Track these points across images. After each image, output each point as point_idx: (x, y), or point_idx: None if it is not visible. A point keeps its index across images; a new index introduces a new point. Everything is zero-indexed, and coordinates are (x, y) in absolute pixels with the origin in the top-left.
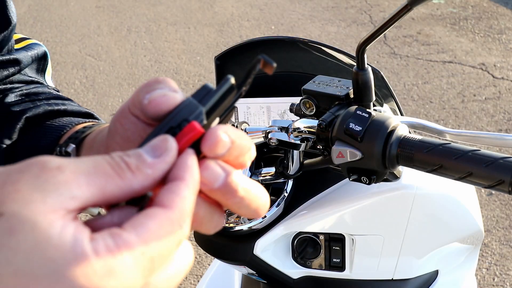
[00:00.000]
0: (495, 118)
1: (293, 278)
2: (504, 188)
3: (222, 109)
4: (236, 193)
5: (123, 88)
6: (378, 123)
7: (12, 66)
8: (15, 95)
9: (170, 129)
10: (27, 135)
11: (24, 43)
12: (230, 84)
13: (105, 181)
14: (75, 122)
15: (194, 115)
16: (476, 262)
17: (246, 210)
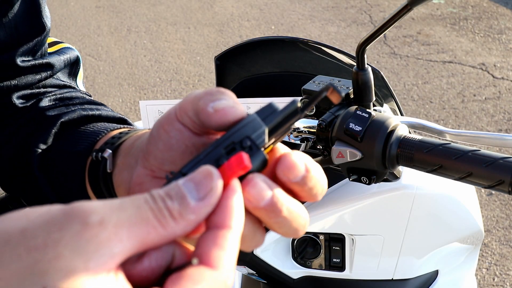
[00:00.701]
0: (495, 118)
1: (293, 278)
2: (504, 188)
3: (284, 131)
4: (280, 213)
5: (123, 88)
6: (378, 123)
7: (45, 70)
8: (49, 99)
9: (231, 144)
10: (61, 140)
11: (57, 47)
12: (295, 107)
13: (147, 232)
14: (110, 128)
15: (256, 134)
16: (476, 262)
17: (286, 230)
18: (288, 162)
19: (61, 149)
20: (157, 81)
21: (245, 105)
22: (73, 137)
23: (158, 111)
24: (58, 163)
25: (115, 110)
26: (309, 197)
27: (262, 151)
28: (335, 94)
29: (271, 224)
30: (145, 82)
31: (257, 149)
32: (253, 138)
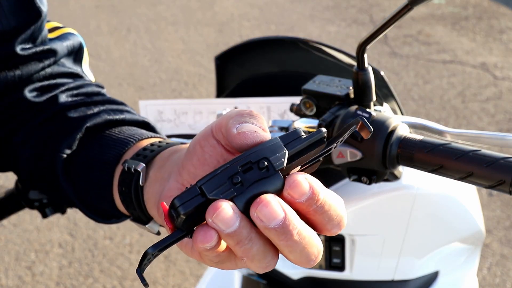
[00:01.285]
0: (496, 118)
1: (293, 278)
2: (505, 189)
3: (306, 159)
4: (291, 236)
5: (123, 88)
6: (378, 123)
7: (47, 57)
8: (66, 95)
9: (248, 163)
10: (87, 145)
11: (59, 32)
12: (321, 136)
13: None
14: (137, 137)
15: (275, 156)
16: (477, 263)
17: (297, 256)
18: (292, 180)
19: (87, 155)
20: (157, 81)
21: (245, 105)
22: (99, 144)
23: (158, 111)
24: (84, 169)
25: None
26: (325, 225)
27: (279, 174)
28: (364, 130)
29: (281, 247)
30: (145, 82)
31: (274, 171)
32: (271, 160)
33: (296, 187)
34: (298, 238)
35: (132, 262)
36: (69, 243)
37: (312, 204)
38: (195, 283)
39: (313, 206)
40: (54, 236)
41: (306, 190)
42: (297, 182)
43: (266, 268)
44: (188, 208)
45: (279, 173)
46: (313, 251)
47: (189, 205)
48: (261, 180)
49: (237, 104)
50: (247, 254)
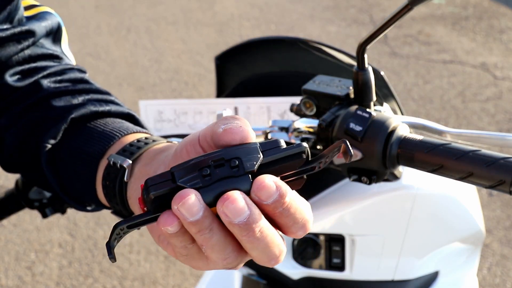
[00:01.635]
0: (496, 118)
1: (293, 278)
2: (505, 189)
3: (282, 170)
4: (253, 233)
5: (123, 88)
6: (378, 123)
7: (26, 37)
8: (49, 81)
9: (221, 159)
10: (71, 135)
11: (35, 11)
12: (300, 150)
13: None
14: (123, 131)
15: (248, 158)
16: (477, 263)
17: (258, 254)
18: (259, 182)
19: (71, 146)
20: (157, 81)
21: (245, 105)
22: (84, 135)
23: (158, 111)
24: (68, 160)
25: None
26: (289, 228)
27: (248, 176)
28: (346, 154)
29: (244, 242)
30: (144, 82)
31: (243, 172)
32: (243, 161)
33: (263, 189)
34: (260, 235)
35: (132, 262)
36: (69, 243)
37: (278, 207)
38: (195, 283)
39: (279, 209)
40: (54, 236)
41: (272, 192)
42: (264, 184)
43: (226, 260)
44: (157, 190)
45: (248, 175)
46: (274, 250)
47: (158, 188)
48: (229, 178)
49: (237, 104)
50: (206, 242)
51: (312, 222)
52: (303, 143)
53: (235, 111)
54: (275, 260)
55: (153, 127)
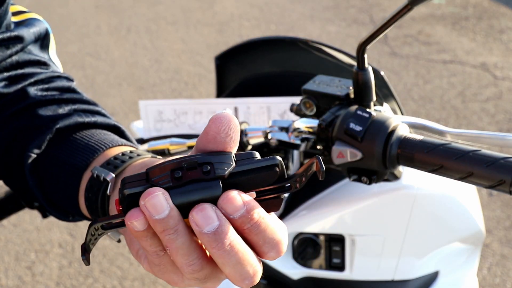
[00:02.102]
0: (496, 118)
1: (293, 278)
2: (505, 189)
3: (257, 183)
4: (222, 245)
5: (123, 88)
6: (378, 123)
7: (14, 43)
8: (36, 88)
9: (194, 162)
10: (56, 146)
11: (23, 17)
12: (273, 162)
13: None
14: (108, 144)
15: (220, 164)
16: (477, 263)
17: (231, 271)
18: (226, 195)
19: (55, 156)
20: (157, 81)
21: (245, 105)
22: (69, 146)
23: (158, 111)
24: (51, 170)
25: (114, 110)
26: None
27: (218, 181)
28: (319, 170)
29: (215, 256)
30: (145, 82)
31: (214, 177)
32: (215, 166)
33: (229, 202)
34: (230, 249)
35: (132, 262)
36: (69, 243)
37: (246, 223)
38: None
39: (247, 225)
40: (54, 236)
41: (238, 206)
42: (230, 197)
43: (191, 267)
44: (130, 188)
45: (219, 181)
46: (247, 269)
47: (132, 186)
48: (200, 182)
49: (237, 104)
50: (171, 244)
51: (286, 244)
52: (277, 157)
53: (235, 111)
54: (249, 280)
55: (153, 127)
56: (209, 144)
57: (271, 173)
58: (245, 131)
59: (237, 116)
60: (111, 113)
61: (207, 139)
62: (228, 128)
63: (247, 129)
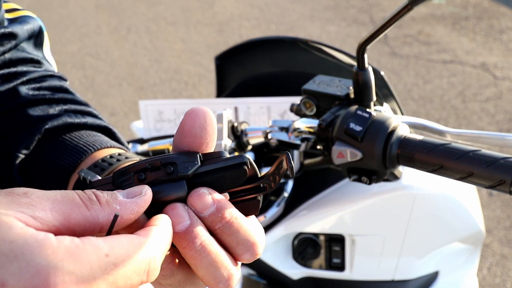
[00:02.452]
0: (496, 118)
1: (293, 278)
2: (505, 189)
3: (226, 182)
4: (193, 244)
5: (123, 88)
6: (378, 123)
7: (8, 40)
8: (28, 88)
9: (157, 162)
10: (44, 147)
11: (16, 14)
12: (241, 160)
13: (71, 209)
14: (97, 146)
15: (184, 164)
16: (477, 263)
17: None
18: (195, 192)
19: (44, 157)
20: (157, 81)
21: (245, 105)
22: (57, 147)
23: (158, 111)
24: (39, 170)
25: (114, 110)
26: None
27: (183, 181)
28: (289, 166)
29: (187, 257)
30: (145, 82)
31: (177, 177)
32: (178, 166)
33: (197, 199)
34: (201, 249)
35: None
36: None
37: (217, 221)
38: None
39: (219, 224)
40: None
41: (208, 203)
42: (199, 194)
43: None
44: None
45: (183, 181)
46: (221, 272)
47: (99, 190)
48: (164, 183)
49: (237, 104)
50: None
51: (263, 246)
52: (245, 155)
53: (235, 111)
54: (224, 284)
55: (153, 127)
56: (185, 138)
57: (239, 172)
58: (245, 131)
59: (237, 116)
60: (111, 113)
61: (183, 133)
62: (203, 121)
63: (247, 129)
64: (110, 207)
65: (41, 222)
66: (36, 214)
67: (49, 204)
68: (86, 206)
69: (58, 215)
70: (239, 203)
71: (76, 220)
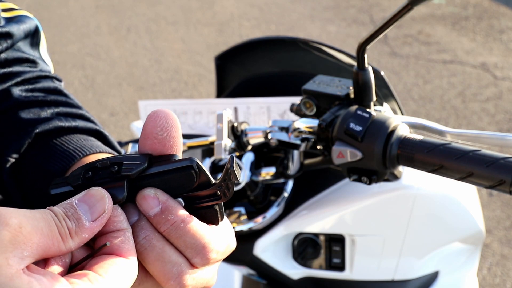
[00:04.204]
0: (496, 118)
1: (293, 278)
2: (505, 189)
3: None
4: (136, 238)
5: (123, 88)
6: (378, 123)
7: (5, 40)
8: (21, 89)
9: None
10: (34, 150)
11: (13, 13)
12: (189, 163)
13: (52, 243)
14: (86, 151)
15: (130, 164)
16: (477, 263)
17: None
18: (141, 192)
19: (33, 160)
20: (157, 81)
21: (245, 105)
22: (47, 151)
23: None
24: (30, 174)
25: (114, 110)
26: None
27: (124, 181)
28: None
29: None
30: (144, 82)
31: (120, 177)
32: (124, 166)
33: (143, 199)
34: (145, 242)
35: None
36: None
37: (162, 223)
38: None
39: (164, 227)
40: None
41: (152, 204)
42: (144, 194)
43: None
44: (55, 188)
45: (124, 181)
46: (168, 267)
47: (57, 187)
48: (109, 182)
49: (237, 104)
50: None
51: (216, 252)
52: (194, 158)
53: (235, 111)
54: (175, 281)
55: None
56: (147, 140)
57: (186, 176)
58: (245, 131)
59: (237, 116)
60: (111, 113)
61: (145, 135)
62: (165, 122)
63: (247, 129)
64: (79, 238)
65: (26, 261)
66: (24, 254)
67: (36, 240)
68: (63, 241)
69: (42, 250)
70: (197, 210)
71: (52, 252)
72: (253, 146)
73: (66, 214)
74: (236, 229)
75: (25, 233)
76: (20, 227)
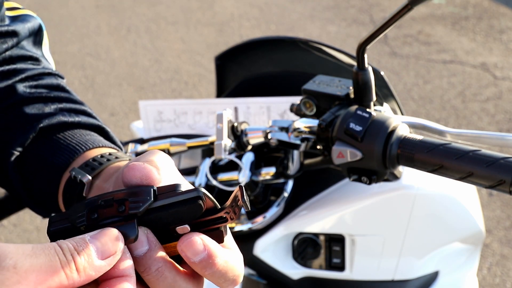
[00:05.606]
0: (496, 118)
1: (293, 278)
2: (505, 189)
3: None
4: (214, 266)
5: (123, 88)
6: (378, 123)
7: (10, 37)
8: (25, 85)
9: (111, 199)
10: (38, 144)
11: (17, 12)
12: (196, 195)
13: (52, 280)
14: (89, 145)
15: (136, 200)
16: (477, 263)
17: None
18: (186, 239)
19: (38, 154)
20: (157, 81)
21: (245, 105)
22: (51, 146)
23: (157, 111)
24: (33, 167)
25: (114, 110)
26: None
27: (134, 220)
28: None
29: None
30: (144, 82)
31: (128, 215)
32: (130, 203)
33: (189, 246)
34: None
35: None
36: None
37: (207, 267)
38: None
39: (209, 270)
40: None
41: (199, 250)
42: (190, 241)
43: None
44: (54, 227)
45: (134, 220)
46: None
47: (56, 225)
48: (116, 223)
49: (237, 104)
50: None
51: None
52: (200, 189)
53: (235, 111)
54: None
55: (153, 127)
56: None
57: (194, 207)
58: (245, 131)
59: (237, 116)
60: (111, 113)
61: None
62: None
63: (247, 129)
64: (86, 274)
65: None
66: None
67: (34, 278)
68: (67, 276)
69: (41, 287)
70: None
71: (55, 286)
72: (253, 146)
73: (76, 249)
74: (236, 229)
75: (20, 273)
76: (15, 267)
